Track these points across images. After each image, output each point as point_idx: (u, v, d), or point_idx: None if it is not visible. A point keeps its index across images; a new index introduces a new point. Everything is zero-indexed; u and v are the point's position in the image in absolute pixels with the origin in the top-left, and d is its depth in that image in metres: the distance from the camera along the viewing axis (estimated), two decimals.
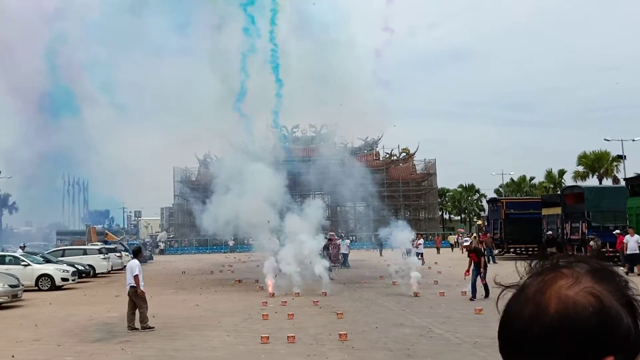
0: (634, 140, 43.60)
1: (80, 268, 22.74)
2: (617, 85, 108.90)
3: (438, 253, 39.62)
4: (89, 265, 24.60)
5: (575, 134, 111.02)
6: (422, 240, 24.53)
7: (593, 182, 50.61)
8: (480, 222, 60.72)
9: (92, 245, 30.40)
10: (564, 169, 61.68)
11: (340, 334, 9.37)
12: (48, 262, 21.52)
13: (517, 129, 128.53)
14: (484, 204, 62.50)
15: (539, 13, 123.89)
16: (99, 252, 26.71)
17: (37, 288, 19.32)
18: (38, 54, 36.02)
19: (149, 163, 52.88)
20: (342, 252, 27.14)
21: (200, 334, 10.25)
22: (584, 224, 25.63)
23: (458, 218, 76.78)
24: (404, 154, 62.73)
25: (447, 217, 76.11)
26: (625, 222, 22.46)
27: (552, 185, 59.54)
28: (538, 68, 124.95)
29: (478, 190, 74.82)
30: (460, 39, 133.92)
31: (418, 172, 62.58)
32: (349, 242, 32.33)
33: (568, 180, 56.38)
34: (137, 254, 11.52)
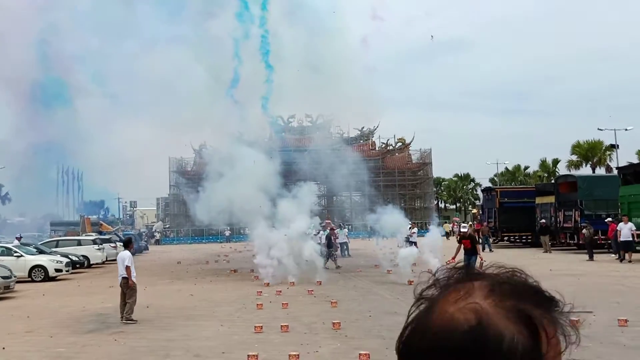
0: (627, 130, 43.84)
1: (74, 259, 22.70)
2: (612, 76, 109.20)
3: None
4: (83, 256, 24.56)
5: (570, 124, 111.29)
6: (415, 229, 24.57)
7: (586, 171, 50.85)
8: (475, 210, 61.02)
9: (86, 236, 30.34)
10: (558, 158, 61.91)
11: (334, 323, 9.40)
12: (41, 253, 21.47)
13: (512, 119, 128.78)
14: (479, 193, 62.67)
15: (535, 3, 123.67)
16: (93, 242, 26.65)
17: (30, 279, 19.28)
18: (29, 44, 35.63)
19: (145, 153, 52.73)
20: (340, 241, 27.29)
21: (194, 324, 10.26)
22: (577, 212, 25.79)
23: (453, 207, 77.04)
24: (400, 144, 62.82)
25: (442, 206, 76.37)
26: (617, 210, 22.60)
27: (546, 175, 59.77)
28: (534, 58, 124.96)
29: (473, 180, 75.10)
30: (457, 30, 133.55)
31: (414, 161, 62.68)
32: (347, 231, 32.47)
33: (562, 169, 56.61)
34: (127, 245, 11.48)
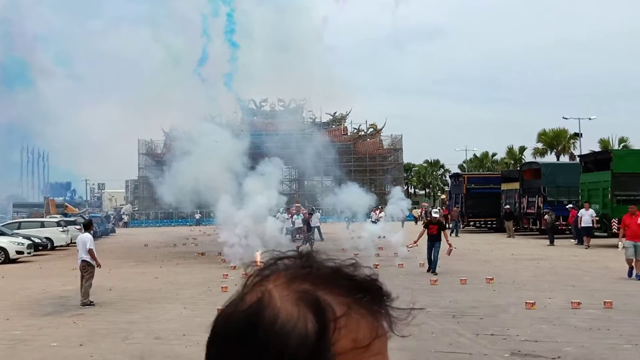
0: (591, 119, 45.11)
1: (37, 241, 22.23)
2: (578, 66, 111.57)
3: (402, 226, 40.23)
4: (47, 238, 24.05)
5: (537, 112, 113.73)
6: (383, 214, 24.81)
7: (551, 158, 52.13)
8: (444, 196, 61.96)
9: (50, 218, 29.69)
10: (525, 146, 63.27)
11: None
12: (2, 234, 20.93)
13: (482, 106, 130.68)
14: (448, 179, 63.73)
15: None
16: (58, 224, 26.12)
17: None
18: None
19: (113, 135, 51.63)
20: (312, 225, 27.45)
21: (157, 307, 10.21)
22: (540, 199, 26.47)
23: (423, 192, 78.06)
24: (372, 130, 63.15)
25: (412, 191, 77.24)
26: (578, 197, 23.27)
27: (513, 162, 60.99)
28: (504, 46, 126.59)
29: (443, 166, 76.16)
30: (429, 16, 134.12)
31: (385, 147, 63.15)
32: (319, 215, 32.57)
33: (528, 157, 57.91)
34: (88, 228, 11.28)
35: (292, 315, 0.60)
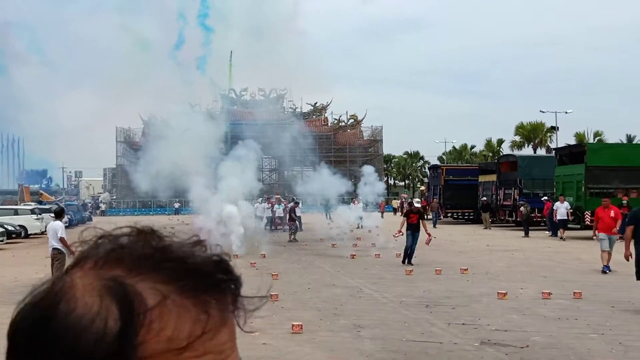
0: (567, 113, 45.87)
1: (10, 228, 21.84)
2: (556, 60, 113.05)
3: (382, 218, 40.47)
4: (20, 226, 23.66)
5: (516, 105, 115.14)
6: (360, 204, 24.91)
7: (528, 151, 52.88)
8: (424, 188, 62.48)
9: (24, 205, 29.16)
10: (503, 139, 64.11)
11: (272, 295, 9.47)
12: None
13: (462, 99, 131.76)
14: (428, 171, 64.23)
15: None
16: (32, 212, 25.68)
17: None
18: None
19: (90, 122, 50.68)
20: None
21: None
22: (516, 191, 26.86)
23: (402, 184, 78.60)
24: (352, 120, 63.24)
25: (392, 182, 77.72)
26: (553, 189, 23.66)
27: (491, 154, 61.72)
28: (485, 40, 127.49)
29: (422, 157, 76.71)
30: (412, 8, 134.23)
31: (365, 138, 63.32)
32: (300, 205, 32.56)
33: (506, 149, 58.67)
34: (59, 215, 11.07)
35: (90, 308, 0.49)
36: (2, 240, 19.80)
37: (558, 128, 45.49)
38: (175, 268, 0.52)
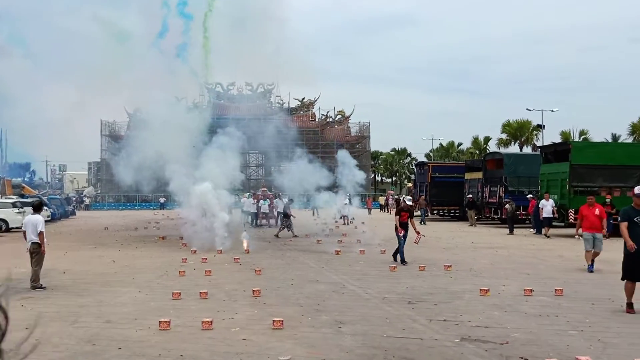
0: (553, 111, 46.28)
1: None
2: (542, 59, 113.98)
3: (370, 214, 40.49)
4: (1, 220, 23.31)
5: (503, 103, 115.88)
6: (347, 201, 24.89)
7: (515, 149, 53.29)
8: (411, 184, 62.72)
9: (5, 199, 28.72)
10: (490, 136, 64.52)
11: (254, 290, 9.41)
12: None
13: (450, 96, 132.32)
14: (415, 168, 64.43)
15: None
16: (13, 205, 25.29)
17: None
18: None
19: (73, 115, 49.92)
20: (279, 210, 27.38)
21: (111, 291, 9.97)
22: (502, 188, 27.01)
23: (389, 180, 78.80)
24: (340, 116, 63.18)
25: (379, 179, 77.91)
26: (538, 187, 23.81)
27: (477, 152, 62.10)
28: (473, 37, 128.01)
29: (410, 154, 76.98)
30: (400, 4, 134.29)
31: (352, 134, 63.32)
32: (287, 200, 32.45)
33: (493, 147, 59.03)
34: (38, 209, 10.87)
35: None
36: None
37: (544, 126, 45.88)
38: None
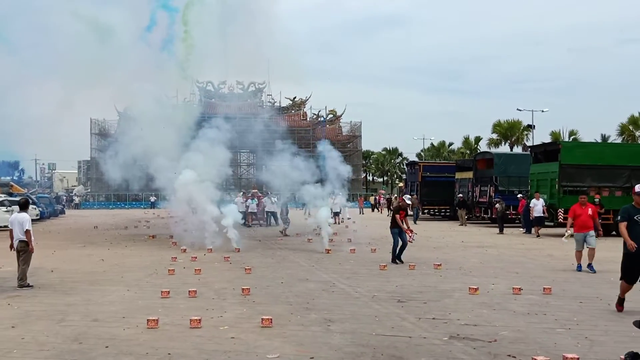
0: (543, 112, 46.63)
1: None
2: (533, 59, 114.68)
3: (362, 213, 40.53)
4: None
5: (493, 103, 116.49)
6: (338, 199, 24.89)
7: (505, 149, 53.56)
8: (402, 184, 62.91)
9: None
10: (480, 136, 64.84)
11: (244, 289, 9.37)
12: None
13: (441, 96, 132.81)
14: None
15: None
16: (1, 204, 25.08)
17: None
18: None
19: (63, 113, 49.54)
20: (268, 209, 27.47)
21: (99, 289, 9.90)
22: (492, 188, 27.14)
23: (381, 180, 78.97)
24: (331, 116, 63.18)
25: (370, 178, 78.02)
26: (528, 187, 23.95)
27: (468, 151, 62.39)
28: (464, 38, 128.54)
29: (401, 154, 77.21)
30: (392, 4, 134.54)
31: (344, 133, 63.34)
32: (276, 199, 32.44)
33: (483, 147, 59.32)
34: (24, 207, 10.75)
35: None
36: None
37: (534, 126, 46.19)
38: None
